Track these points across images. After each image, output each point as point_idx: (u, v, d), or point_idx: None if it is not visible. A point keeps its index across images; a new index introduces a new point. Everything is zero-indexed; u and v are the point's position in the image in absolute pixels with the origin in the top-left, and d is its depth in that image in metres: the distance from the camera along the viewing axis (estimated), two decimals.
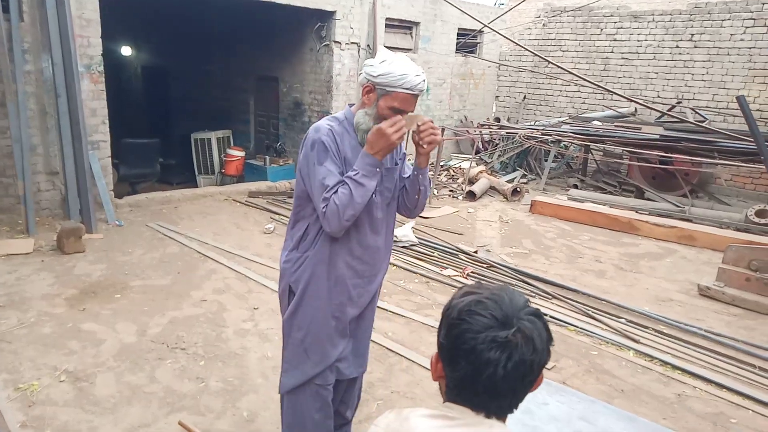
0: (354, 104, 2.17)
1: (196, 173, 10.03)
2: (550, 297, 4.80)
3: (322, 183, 1.98)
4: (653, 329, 4.31)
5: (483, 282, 1.16)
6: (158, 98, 13.16)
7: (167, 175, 9.53)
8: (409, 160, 2.29)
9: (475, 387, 1.08)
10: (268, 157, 9.32)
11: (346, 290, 2.18)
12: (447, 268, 5.38)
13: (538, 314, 1.10)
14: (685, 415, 3.32)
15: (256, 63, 10.29)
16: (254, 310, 4.43)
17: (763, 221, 6.71)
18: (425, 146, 2.04)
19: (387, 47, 9.58)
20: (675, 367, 3.79)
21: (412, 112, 2.03)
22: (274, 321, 4.25)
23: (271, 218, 6.97)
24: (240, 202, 7.72)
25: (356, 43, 8.99)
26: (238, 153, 9.71)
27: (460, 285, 4.98)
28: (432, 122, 2.07)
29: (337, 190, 1.97)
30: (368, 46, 9.22)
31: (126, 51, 13.40)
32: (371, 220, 2.14)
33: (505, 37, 7.79)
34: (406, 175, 2.25)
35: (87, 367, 3.50)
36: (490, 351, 1.04)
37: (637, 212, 7.38)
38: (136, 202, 7.12)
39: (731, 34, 9.06)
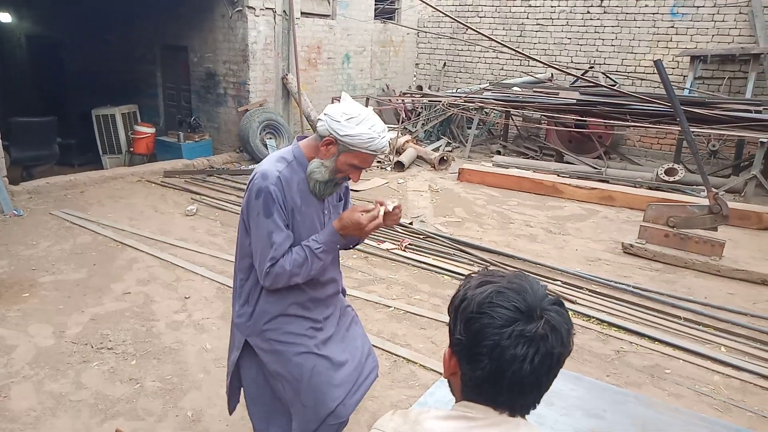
0: (304, 138, 2.02)
1: (101, 153, 9.22)
2: (488, 264, 4.84)
3: (269, 238, 1.86)
4: (587, 289, 4.48)
5: (492, 267, 1.07)
6: (50, 72, 11.89)
7: (67, 156, 8.69)
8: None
9: (499, 385, 0.99)
10: (181, 133, 8.72)
11: (310, 324, 2.06)
12: (384, 241, 5.29)
13: (561, 303, 1.02)
14: (625, 370, 3.47)
15: (162, 31, 9.51)
16: (185, 299, 4.13)
17: (672, 179, 7.16)
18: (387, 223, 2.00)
19: (304, 13, 9.21)
20: (611, 325, 3.95)
21: (369, 167, 2.01)
22: (209, 310, 4.00)
23: (192, 199, 6.55)
24: (155, 183, 7.18)
25: (272, 9, 8.52)
26: (147, 129, 9.01)
27: (398, 258, 4.93)
28: (400, 207, 2.01)
29: (291, 252, 1.88)
30: (284, 12, 8.77)
31: (5, 18, 11.94)
32: None
33: (423, 1, 7.66)
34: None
35: None
36: (517, 347, 0.95)
37: (559, 175, 7.64)
38: (36, 188, 6.42)
39: (637, 1, 9.47)
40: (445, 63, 11.94)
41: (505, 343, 0.95)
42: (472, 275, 1.08)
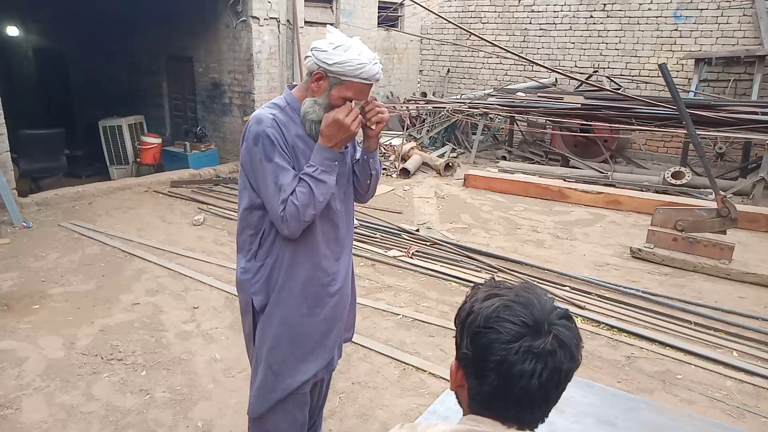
0: (294, 85, 1.97)
1: (108, 164, 9.29)
2: (495, 270, 4.83)
3: (276, 182, 1.80)
4: (596, 294, 4.46)
5: (498, 278, 1.06)
6: (57, 84, 12.00)
7: (75, 167, 8.75)
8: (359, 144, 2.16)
9: (507, 399, 0.98)
10: (188, 143, 8.77)
11: (318, 288, 2.01)
12: (391, 248, 5.29)
13: (569, 316, 1.01)
14: (637, 376, 3.45)
15: (167, 42, 9.58)
16: (194, 309, 4.14)
17: (679, 182, 7.13)
18: (373, 127, 1.91)
19: (307, 22, 9.26)
20: (621, 330, 3.93)
21: (365, 101, 1.89)
22: (218, 320, 4.00)
23: (199, 208, 6.57)
24: (162, 193, 7.22)
25: (275, 18, 8.58)
26: (153, 140, 9.07)
27: (406, 265, 4.93)
28: (376, 99, 1.92)
29: (294, 190, 1.80)
30: (288, 21, 8.82)
31: (12, 31, 12.06)
32: (331, 213, 1.99)
33: (426, 8, 7.70)
34: (355, 159, 2.10)
35: (9, 391, 3.12)
36: (524, 362, 0.95)
37: (565, 180, 7.62)
38: (45, 199, 6.46)
39: (640, 4, 9.47)
40: (449, 69, 11.97)
41: (512, 358, 0.94)
42: (479, 287, 1.07)
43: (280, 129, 1.82)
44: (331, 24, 9.77)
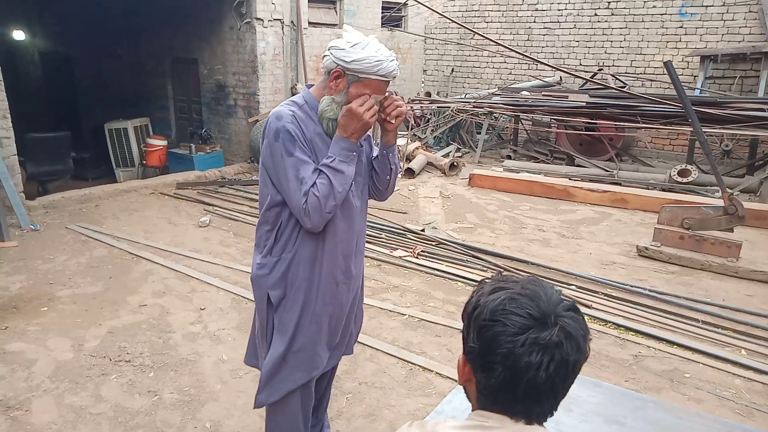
0: (312, 85, 1.99)
1: (114, 166, 9.33)
2: (501, 270, 4.83)
3: (297, 176, 1.82)
4: (602, 293, 4.44)
5: (504, 273, 1.05)
6: (63, 87, 12.08)
7: (81, 170, 8.79)
8: (375, 143, 2.17)
9: (514, 393, 0.98)
10: (193, 145, 8.82)
11: (332, 286, 2.03)
12: (397, 249, 5.29)
13: (576, 308, 1.01)
14: (644, 375, 3.44)
15: (171, 44, 9.63)
16: (201, 310, 4.15)
17: (685, 180, 7.10)
18: (393, 121, 1.94)
19: (311, 23, 9.28)
20: (628, 329, 3.91)
21: (383, 96, 1.92)
22: (225, 321, 4.01)
23: (205, 210, 6.59)
24: (168, 195, 7.25)
25: (279, 20, 8.60)
26: (159, 142, 9.11)
27: (411, 265, 4.93)
28: (393, 94, 1.94)
29: (315, 182, 1.82)
30: (292, 22, 8.84)
31: (19, 35, 12.13)
32: (349, 209, 2.01)
33: (430, 8, 7.70)
34: (374, 156, 2.12)
35: (19, 392, 3.14)
36: (531, 354, 0.94)
37: (570, 179, 7.60)
38: (52, 202, 6.50)
39: (644, 1, 9.44)
40: (453, 69, 11.96)
41: (518, 351, 0.94)
42: (486, 281, 1.07)
43: (299, 124, 1.85)
44: (335, 25, 9.81)
